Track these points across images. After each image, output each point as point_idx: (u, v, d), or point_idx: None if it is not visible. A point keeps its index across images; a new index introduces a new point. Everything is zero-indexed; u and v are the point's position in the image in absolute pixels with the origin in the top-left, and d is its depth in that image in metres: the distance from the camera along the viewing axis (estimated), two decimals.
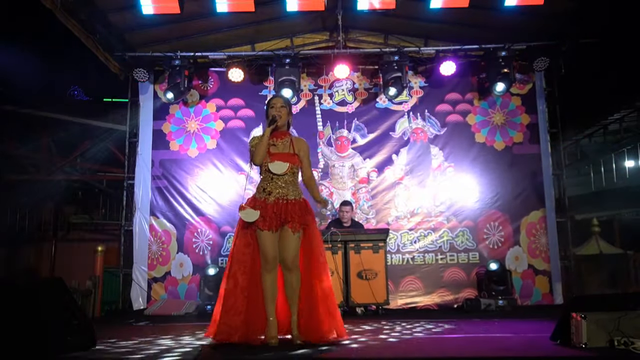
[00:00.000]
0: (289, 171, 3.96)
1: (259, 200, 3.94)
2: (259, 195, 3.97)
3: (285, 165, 3.93)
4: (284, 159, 3.96)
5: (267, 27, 7.84)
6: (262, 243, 3.85)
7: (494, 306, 6.80)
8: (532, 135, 7.88)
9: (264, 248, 3.84)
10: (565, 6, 6.84)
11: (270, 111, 4.04)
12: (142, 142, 8.01)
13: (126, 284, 7.73)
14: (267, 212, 3.86)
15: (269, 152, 3.96)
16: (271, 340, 3.73)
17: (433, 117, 7.99)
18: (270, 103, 4.10)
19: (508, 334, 4.44)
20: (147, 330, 5.17)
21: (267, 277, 3.84)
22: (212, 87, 8.18)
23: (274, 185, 3.94)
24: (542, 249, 7.62)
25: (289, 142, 4.06)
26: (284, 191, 3.94)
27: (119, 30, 7.44)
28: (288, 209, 3.88)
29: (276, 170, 3.92)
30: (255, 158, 3.94)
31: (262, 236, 3.85)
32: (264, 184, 3.99)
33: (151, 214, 7.85)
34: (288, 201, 3.92)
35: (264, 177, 4.02)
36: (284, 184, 3.95)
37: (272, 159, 3.94)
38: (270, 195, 3.92)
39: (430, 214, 7.78)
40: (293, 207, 3.91)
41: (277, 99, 4.16)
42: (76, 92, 12.30)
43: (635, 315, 3.46)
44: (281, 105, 4.06)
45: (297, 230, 3.88)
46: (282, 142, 4.05)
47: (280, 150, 4.01)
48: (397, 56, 7.42)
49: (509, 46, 7.40)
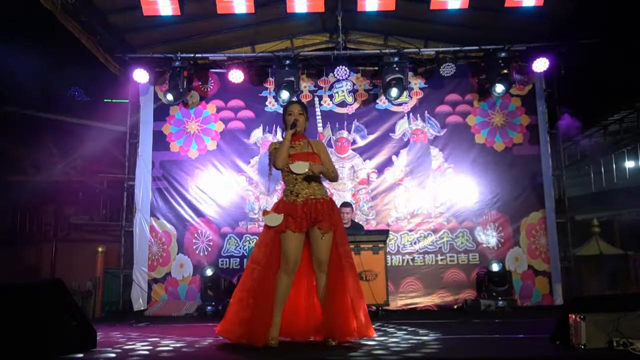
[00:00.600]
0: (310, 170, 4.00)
1: (287, 203, 3.97)
2: (286, 198, 4.00)
3: (306, 165, 3.96)
4: (304, 158, 4.00)
5: (267, 28, 7.85)
6: (287, 244, 3.86)
7: (494, 307, 6.81)
8: (532, 136, 7.89)
9: (287, 250, 3.85)
10: (564, 7, 6.85)
11: (289, 118, 4.09)
12: (143, 143, 8.02)
13: (126, 284, 7.74)
14: (297, 213, 3.89)
15: (290, 154, 4.00)
16: (271, 341, 3.73)
17: (433, 118, 8.00)
18: (287, 109, 4.15)
19: (508, 335, 4.45)
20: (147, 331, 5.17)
21: (285, 279, 3.85)
22: (212, 89, 8.19)
23: (300, 186, 3.98)
24: (542, 249, 7.62)
25: (306, 144, 4.13)
26: (311, 191, 3.98)
27: (119, 31, 7.45)
28: (318, 208, 3.92)
29: (297, 169, 3.95)
30: (277, 162, 3.97)
31: (289, 237, 3.86)
32: (290, 186, 4.02)
33: (151, 215, 7.86)
34: (317, 200, 3.96)
35: (288, 180, 4.04)
36: (308, 183, 3.99)
37: (292, 160, 3.98)
38: (299, 197, 3.95)
39: (430, 215, 7.78)
40: (322, 206, 3.96)
41: (295, 105, 4.20)
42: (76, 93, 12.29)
43: (635, 316, 3.47)
44: (299, 112, 4.11)
45: (328, 231, 3.91)
46: (300, 144, 4.11)
47: (299, 151, 4.06)
48: (397, 57, 7.42)
49: (508, 47, 7.40)
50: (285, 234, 3.87)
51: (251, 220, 7.83)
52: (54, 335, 3.42)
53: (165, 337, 4.53)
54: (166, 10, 6.50)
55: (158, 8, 6.46)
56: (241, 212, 7.87)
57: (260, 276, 3.87)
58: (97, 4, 6.77)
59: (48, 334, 3.38)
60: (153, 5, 6.42)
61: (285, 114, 4.15)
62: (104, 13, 6.98)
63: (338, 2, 7.06)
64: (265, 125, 8.03)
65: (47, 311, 3.47)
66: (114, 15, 7.08)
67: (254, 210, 7.86)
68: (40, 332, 3.32)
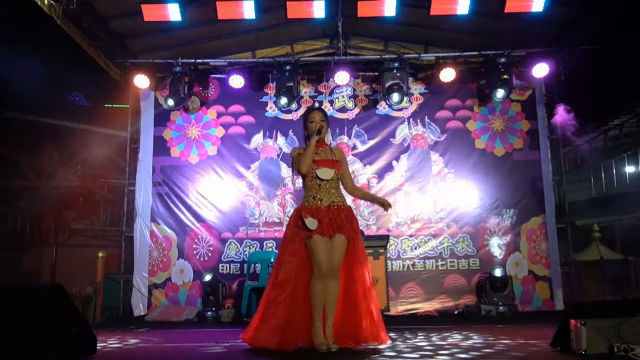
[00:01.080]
0: (335, 177, 4.06)
1: (311, 209, 3.97)
2: (308, 204, 4.00)
3: (332, 171, 4.03)
4: (329, 165, 4.06)
5: (267, 34, 7.87)
6: (317, 250, 3.85)
7: (495, 312, 6.80)
8: (532, 141, 7.90)
9: (319, 256, 3.84)
10: (564, 13, 6.87)
11: (311, 125, 4.13)
12: (143, 148, 8.04)
13: (127, 290, 7.74)
14: (323, 218, 3.91)
15: (314, 160, 4.03)
16: (321, 347, 3.72)
17: (433, 124, 8.01)
18: (309, 116, 4.19)
19: (508, 340, 4.44)
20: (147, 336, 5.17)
21: (319, 285, 3.84)
22: (213, 94, 8.21)
23: (323, 192, 4.01)
24: (542, 254, 7.62)
25: (329, 150, 4.19)
26: (334, 197, 4.01)
27: (120, 37, 7.48)
28: (341, 216, 3.96)
29: (324, 175, 4.00)
30: (302, 166, 3.99)
31: (318, 243, 3.85)
32: (313, 192, 4.03)
33: (152, 220, 7.86)
34: (339, 207, 4.00)
35: (310, 186, 4.05)
36: (331, 190, 4.03)
37: (318, 166, 4.02)
38: (322, 202, 3.98)
39: (431, 220, 7.78)
40: (345, 213, 4.00)
41: (317, 112, 4.21)
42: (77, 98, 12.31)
43: (635, 321, 3.47)
44: (321, 118, 4.14)
45: (349, 239, 3.94)
46: (324, 150, 4.15)
47: (324, 157, 4.10)
48: (397, 63, 7.45)
49: (508, 53, 7.43)
50: (313, 240, 3.86)
51: (251, 226, 7.83)
52: (54, 341, 3.41)
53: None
54: (167, 16, 6.52)
55: (159, 14, 6.48)
56: (241, 217, 7.87)
57: (293, 284, 3.87)
58: (98, 10, 6.80)
59: (48, 339, 3.38)
60: (154, 11, 6.44)
61: (307, 120, 4.18)
62: (105, 19, 7.01)
63: (338, 7, 7.09)
64: (266, 130, 8.05)
65: (47, 316, 3.46)
66: (114, 21, 7.11)
67: (254, 215, 7.86)
68: (40, 337, 3.31)
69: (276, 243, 7.75)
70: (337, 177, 4.11)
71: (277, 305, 3.84)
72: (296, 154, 4.14)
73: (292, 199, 7.89)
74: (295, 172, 4.14)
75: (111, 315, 7.59)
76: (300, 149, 4.15)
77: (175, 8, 6.41)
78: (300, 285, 3.88)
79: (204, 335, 5.25)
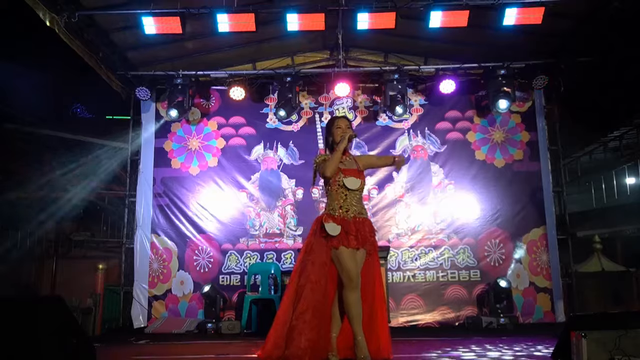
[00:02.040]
0: (360, 187, 3.98)
1: (336, 218, 3.86)
2: (334, 213, 3.88)
3: (359, 182, 3.95)
4: (356, 175, 3.97)
5: (268, 46, 7.92)
6: (346, 261, 3.74)
7: (496, 324, 6.77)
8: (532, 152, 7.91)
9: (348, 266, 3.73)
10: (563, 25, 6.91)
11: (337, 131, 4.05)
12: (144, 159, 8.06)
13: (127, 301, 7.71)
14: (350, 228, 3.81)
15: (340, 169, 3.95)
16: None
17: (433, 135, 8.03)
18: (335, 123, 4.11)
19: (509, 352, 4.42)
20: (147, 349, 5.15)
21: (353, 296, 3.72)
22: (214, 106, 8.24)
23: (349, 202, 3.90)
24: (543, 266, 7.60)
25: (353, 161, 4.12)
26: (358, 208, 3.91)
27: (121, 50, 7.53)
28: (365, 229, 3.88)
29: (351, 185, 3.90)
30: (327, 170, 3.86)
31: (345, 254, 3.75)
32: (339, 201, 3.91)
33: (152, 231, 7.86)
34: (363, 220, 3.91)
35: (336, 195, 3.92)
36: (356, 201, 3.94)
37: (345, 175, 3.93)
38: (349, 212, 3.87)
39: (431, 231, 7.78)
40: (369, 227, 3.93)
41: (343, 119, 4.15)
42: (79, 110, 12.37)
43: (636, 333, 3.44)
44: (347, 126, 4.08)
45: (370, 252, 3.88)
46: (348, 160, 4.08)
47: (348, 167, 4.02)
48: (397, 74, 7.48)
49: (508, 64, 7.45)
50: (339, 251, 3.76)
51: (252, 237, 7.83)
52: (52, 353, 3.40)
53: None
54: (168, 29, 6.56)
55: (160, 27, 6.52)
56: (242, 228, 7.87)
57: (320, 295, 3.75)
58: (100, 23, 6.86)
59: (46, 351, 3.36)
60: (155, 24, 6.48)
61: (332, 127, 4.09)
62: (107, 31, 7.06)
63: (338, 20, 7.13)
64: (266, 141, 8.07)
65: (46, 328, 3.45)
66: (116, 34, 7.16)
67: (254, 226, 7.86)
68: (37, 349, 3.30)
69: (276, 254, 7.74)
70: (362, 187, 4.02)
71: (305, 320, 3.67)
72: (321, 160, 4.02)
73: (293, 210, 7.89)
74: (319, 177, 4.01)
75: (111, 327, 7.57)
76: (325, 156, 4.05)
77: (176, 21, 6.45)
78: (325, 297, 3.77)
79: (204, 348, 5.23)
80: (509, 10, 6.30)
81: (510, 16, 6.36)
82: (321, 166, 3.97)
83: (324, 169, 3.91)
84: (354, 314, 3.70)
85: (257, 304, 6.94)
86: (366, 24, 6.63)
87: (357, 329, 3.69)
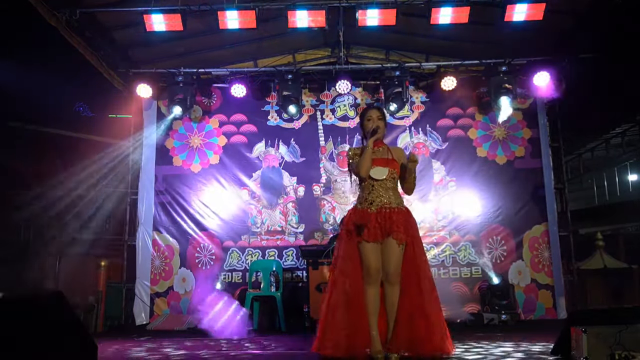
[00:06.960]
0: (389, 177, 3.87)
1: (361, 211, 3.85)
2: (360, 206, 3.88)
3: (385, 170, 3.86)
4: (383, 163, 3.88)
5: (269, 43, 7.91)
6: (365, 255, 3.73)
7: (497, 321, 6.77)
8: (533, 149, 7.90)
9: (367, 260, 3.72)
10: (564, 21, 6.90)
11: (367, 123, 3.96)
12: (146, 157, 8.08)
13: (129, 298, 7.73)
14: (370, 222, 3.76)
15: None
16: (377, 355, 3.62)
17: (434, 132, 8.03)
18: (367, 114, 4.01)
19: (510, 348, 4.43)
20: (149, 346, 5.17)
21: (370, 291, 3.72)
22: (215, 103, 8.25)
23: (375, 193, 3.84)
24: (545, 263, 7.59)
25: (386, 150, 4.02)
26: (385, 199, 3.83)
27: (122, 47, 7.54)
28: (392, 219, 3.77)
29: (377, 175, 3.84)
30: (361, 171, 3.83)
31: (366, 248, 3.74)
32: (365, 193, 3.89)
33: (154, 229, 7.88)
34: (391, 210, 3.81)
35: (365, 186, 3.90)
36: (385, 191, 3.85)
37: (372, 165, 3.85)
38: (372, 205, 3.82)
39: (433, 228, 7.78)
40: (397, 216, 3.80)
41: (374, 110, 4.02)
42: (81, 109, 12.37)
43: (636, 329, 3.45)
44: (378, 117, 3.97)
45: (401, 242, 3.75)
46: (380, 150, 3.99)
47: (379, 156, 3.94)
48: (399, 71, 7.47)
49: (509, 61, 7.44)
50: (361, 245, 3.75)
51: (253, 234, 7.84)
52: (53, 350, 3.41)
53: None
54: (169, 26, 6.56)
55: (161, 24, 6.52)
56: (243, 225, 7.88)
57: (353, 289, 3.75)
58: (101, 20, 6.86)
59: (48, 348, 3.37)
60: (156, 22, 6.48)
61: (364, 119, 4.01)
62: (108, 29, 7.07)
63: (339, 17, 7.12)
64: (268, 139, 8.08)
65: (47, 325, 3.46)
66: (117, 32, 7.17)
67: (256, 224, 7.87)
68: (39, 346, 3.31)
69: (278, 252, 7.75)
70: (393, 176, 3.91)
71: (339, 312, 3.71)
72: (353, 154, 3.98)
73: (294, 207, 7.90)
74: (354, 175, 3.97)
75: (113, 324, 7.58)
76: (356, 149, 4.01)
77: (177, 18, 6.45)
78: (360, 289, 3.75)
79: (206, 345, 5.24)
80: (510, 6, 6.29)
81: (511, 12, 6.35)
82: (354, 163, 3.94)
83: (358, 169, 3.87)
84: (369, 309, 3.69)
85: (258, 301, 6.94)
86: (367, 20, 6.63)
87: (371, 323, 3.68)
